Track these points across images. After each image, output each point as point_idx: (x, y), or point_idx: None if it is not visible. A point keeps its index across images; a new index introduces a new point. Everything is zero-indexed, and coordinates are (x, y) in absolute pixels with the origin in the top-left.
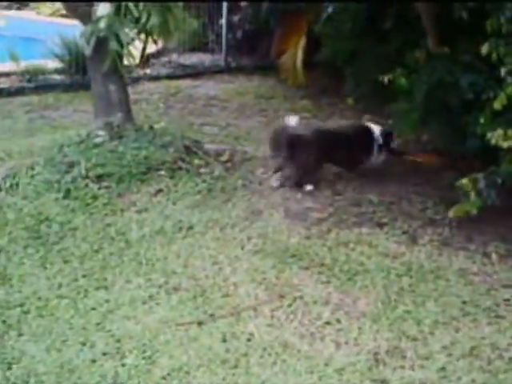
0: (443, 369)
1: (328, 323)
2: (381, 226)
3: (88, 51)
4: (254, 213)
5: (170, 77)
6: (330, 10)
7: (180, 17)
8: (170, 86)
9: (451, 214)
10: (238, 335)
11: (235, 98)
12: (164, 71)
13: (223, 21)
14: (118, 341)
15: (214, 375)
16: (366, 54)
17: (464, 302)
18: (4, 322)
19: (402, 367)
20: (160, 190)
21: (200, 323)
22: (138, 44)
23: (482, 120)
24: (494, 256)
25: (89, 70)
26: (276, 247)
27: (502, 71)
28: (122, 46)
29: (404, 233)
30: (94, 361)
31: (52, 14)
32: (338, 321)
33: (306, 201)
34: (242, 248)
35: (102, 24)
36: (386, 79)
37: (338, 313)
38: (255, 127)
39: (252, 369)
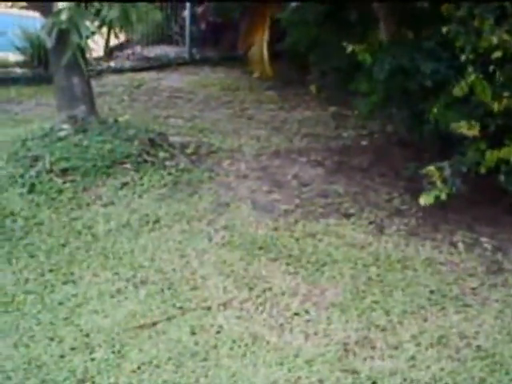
0: (412, 358)
1: (297, 314)
2: (348, 216)
3: (50, 44)
4: (220, 205)
5: (134, 69)
6: (293, 4)
7: (142, 9)
8: (134, 78)
9: (422, 201)
10: (207, 328)
11: (200, 89)
12: (128, 64)
13: (187, 13)
14: (87, 335)
15: (184, 368)
16: (328, 43)
17: (431, 292)
18: None
19: (372, 357)
20: (125, 184)
21: (168, 317)
22: (100, 37)
23: (435, 109)
24: (460, 245)
25: (51, 62)
26: (244, 239)
27: (463, 57)
28: (83, 38)
29: (371, 223)
30: (62, 356)
31: (12, 6)
32: (307, 312)
33: (273, 192)
34: (210, 241)
35: (64, 16)
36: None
37: (307, 304)
38: (221, 119)
39: (222, 361)
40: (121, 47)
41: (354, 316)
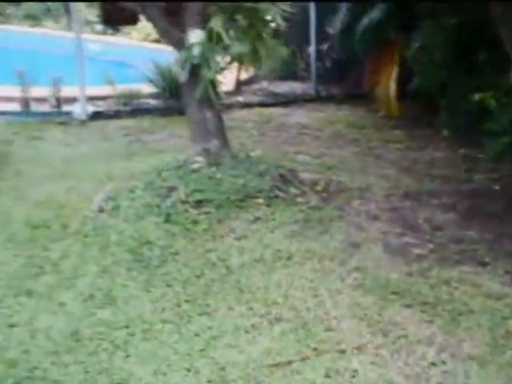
0: None
1: (433, 364)
2: (483, 264)
3: (183, 77)
4: (352, 245)
5: (262, 104)
6: (417, 43)
7: (270, 44)
8: (262, 113)
9: None
10: (342, 372)
11: (327, 126)
12: (256, 99)
13: (312, 49)
14: (223, 369)
15: None
16: (457, 84)
17: None
18: (111, 342)
19: None
20: (258, 218)
21: (303, 358)
22: (227, 72)
23: None
24: None
25: (184, 96)
26: (376, 283)
27: None
28: (214, 72)
29: (506, 273)
30: None
31: (143, 39)
32: (444, 362)
33: (404, 235)
34: (342, 281)
35: (196, 51)
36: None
37: (443, 354)
38: (348, 157)
39: None
40: (248, 82)
41: (493, 371)
